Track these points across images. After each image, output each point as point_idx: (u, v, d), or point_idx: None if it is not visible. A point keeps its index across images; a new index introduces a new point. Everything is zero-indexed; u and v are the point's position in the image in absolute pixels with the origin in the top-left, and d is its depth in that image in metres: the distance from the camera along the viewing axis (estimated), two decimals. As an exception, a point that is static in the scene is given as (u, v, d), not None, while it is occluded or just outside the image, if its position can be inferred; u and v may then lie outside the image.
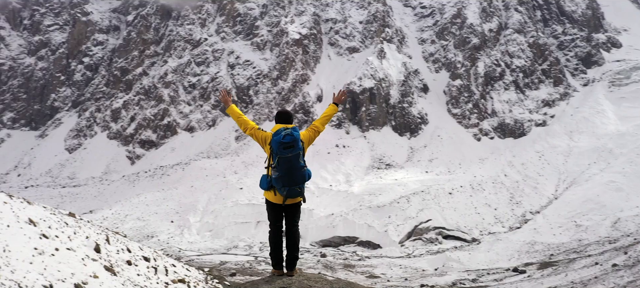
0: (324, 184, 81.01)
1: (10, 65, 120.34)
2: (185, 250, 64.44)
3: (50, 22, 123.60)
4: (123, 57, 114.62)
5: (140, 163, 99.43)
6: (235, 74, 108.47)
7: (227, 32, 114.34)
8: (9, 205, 13.90)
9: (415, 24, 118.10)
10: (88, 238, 13.66)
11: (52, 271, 11.79)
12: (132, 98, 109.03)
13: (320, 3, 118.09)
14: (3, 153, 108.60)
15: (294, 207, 7.36)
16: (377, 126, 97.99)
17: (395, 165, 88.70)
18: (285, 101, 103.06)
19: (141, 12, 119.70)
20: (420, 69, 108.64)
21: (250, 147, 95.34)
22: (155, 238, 67.93)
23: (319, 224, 69.11)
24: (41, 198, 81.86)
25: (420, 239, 65.18)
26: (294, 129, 7.10)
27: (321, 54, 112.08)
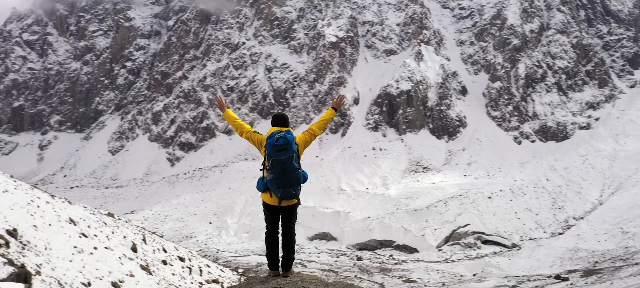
0: (361, 187, 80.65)
1: (57, 70, 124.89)
2: (222, 251, 65.21)
3: (95, 28, 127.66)
4: (164, 61, 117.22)
5: (180, 165, 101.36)
6: (273, 77, 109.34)
7: (264, 36, 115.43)
8: (51, 204, 14.33)
9: (453, 25, 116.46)
10: (125, 238, 13.94)
11: (90, 269, 12.08)
12: (172, 101, 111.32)
13: (357, 6, 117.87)
14: (50, 155, 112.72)
15: (290, 209, 7.42)
16: (415, 129, 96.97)
17: (432, 168, 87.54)
18: (322, 104, 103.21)
19: (181, 17, 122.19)
20: (459, 71, 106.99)
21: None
22: (194, 239, 68.97)
23: (355, 227, 68.83)
24: (85, 199, 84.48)
25: (459, 244, 64.04)
26: (287, 132, 7.12)
27: (358, 57, 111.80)
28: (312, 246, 66.58)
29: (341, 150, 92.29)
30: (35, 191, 16.75)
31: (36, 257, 11.88)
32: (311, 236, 69.00)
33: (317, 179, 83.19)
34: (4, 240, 12.09)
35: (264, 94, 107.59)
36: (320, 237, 68.84)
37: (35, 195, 15.85)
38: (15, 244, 12.09)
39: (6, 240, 12.12)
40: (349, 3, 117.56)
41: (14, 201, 14.39)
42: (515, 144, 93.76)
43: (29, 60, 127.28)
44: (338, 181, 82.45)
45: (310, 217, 71.51)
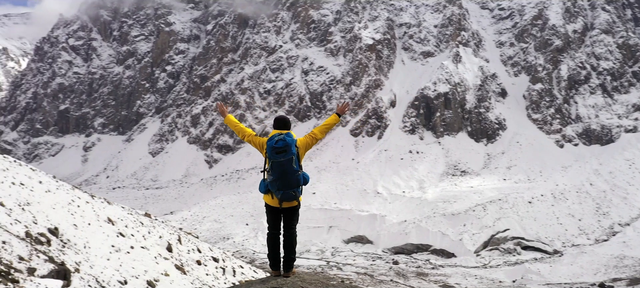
0: (397, 190, 80.00)
1: (101, 74, 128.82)
2: (258, 252, 65.73)
3: (137, 33, 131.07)
4: (202, 65, 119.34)
5: (218, 167, 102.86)
6: (309, 80, 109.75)
7: (301, 39, 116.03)
8: (90, 204, 14.75)
9: (492, 26, 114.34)
10: (161, 238, 14.21)
11: (126, 268, 12.36)
12: (211, 104, 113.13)
13: (394, 8, 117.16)
14: (94, 156, 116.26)
15: (291, 211, 7.49)
16: (452, 132, 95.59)
17: (471, 172, 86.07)
18: (358, 107, 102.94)
19: (220, 21, 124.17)
20: (498, 72, 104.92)
21: (323, 152, 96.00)
22: (231, 240, 69.78)
23: (392, 231, 68.28)
24: (126, 200, 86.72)
25: (497, 249, 62.75)
26: (287, 135, 7.20)
27: (395, 59, 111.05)
28: (347, 249, 66.42)
29: (377, 153, 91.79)
30: (75, 191, 17.28)
31: (75, 255, 12.23)
32: (347, 239, 68.84)
33: (353, 182, 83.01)
34: (45, 238, 12.50)
35: (301, 96, 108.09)
36: (356, 240, 68.59)
37: (76, 195, 16.36)
38: (56, 242, 12.48)
39: (48, 239, 12.53)
40: (385, 5, 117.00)
41: (55, 201, 14.89)
42: (557, 147, 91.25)
43: (74, 65, 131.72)
44: (374, 184, 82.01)
45: (346, 220, 71.41)
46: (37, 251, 11.48)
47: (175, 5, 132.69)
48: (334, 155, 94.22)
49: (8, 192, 13.92)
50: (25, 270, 10.56)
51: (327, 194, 79.29)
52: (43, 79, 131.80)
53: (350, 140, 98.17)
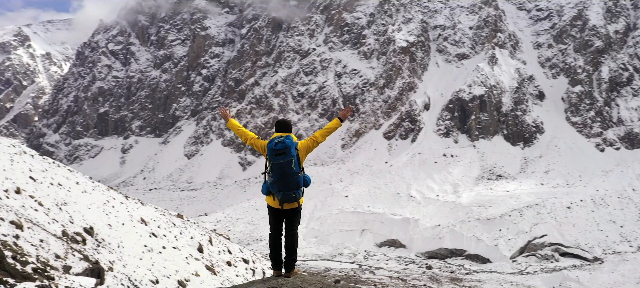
0: (431, 194, 79.08)
1: (138, 78, 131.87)
2: (291, 255, 65.96)
3: (173, 38, 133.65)
4: (237, 68, 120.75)
5: (251, 170, 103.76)
6: (342, 82, 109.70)
7: (334, 42, 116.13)
8: (124, 205, 15.07)
9: (530, 27, 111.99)
10: (192, 239, 14.41)
11: (158, 267, 12.56)
12: (245, 107, 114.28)
13: (428, 10, 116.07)
14: (131, 158, 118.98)
15: (292, 212, 7.59)
16: (488, 135, 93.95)
17: (507, 176, 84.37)
18: (392, 109, 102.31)
19: (254, 25, 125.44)
20: (536, 74, 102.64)
21: (356, 155, 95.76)
22: (264, 242, 70.12)
23: (425, 235, 67.50)
24: (162, 201, 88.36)
25: (534, 255, 61.25)
26: (286, 137, 7.29)
27: (429, 61, 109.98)
28: (380, 253, 65.99)
29: (411, 156, 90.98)
30: (110, 192, 17.71)
31: (109, 254, 12.51)
32: (379, 243, 68.40)
33: (386, 185, 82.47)
34: (81, 238, 12.83)
35: (334, 99, 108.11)
36: (389, 244, 68.08)
37: (111, 196, 16.75)
38: (91, 241, 12.79)
39: (83, 238, 12.86)
40: (420, 7, 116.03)
41: (91, 201, 15.28)
42: (598, 151, 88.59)
43: (113, 69, 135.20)
44: (407, 188, 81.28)
45: (379, 223, 70.98)
46: (73, 249, 11.78)
47: (211, 9, 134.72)
48: (366, 158, 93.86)
49: (47, 192, 14.36)
50: (61, 267, 10.85)
51: (359, 197, 79.01)
52: (84, 83, 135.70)
53: (384, 143, 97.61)
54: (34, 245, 11.00)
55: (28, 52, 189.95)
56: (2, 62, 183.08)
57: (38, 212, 12.89)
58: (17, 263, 9.82)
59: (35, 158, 17.47)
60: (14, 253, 10.16)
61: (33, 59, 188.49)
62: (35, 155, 18.51)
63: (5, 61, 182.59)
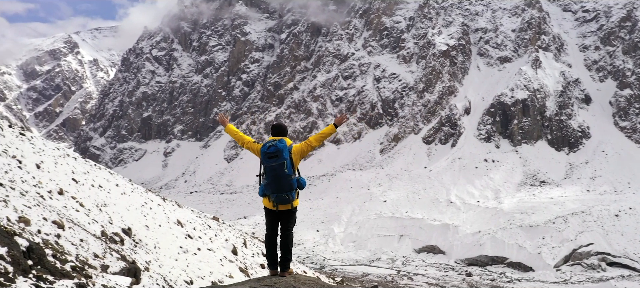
0: (471, 200, 77.62)
1: (180, 83, 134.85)
2: (329, 259, 65.92)
3: (215, 43, 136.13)
4: (276, 73, 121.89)
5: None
6: (381, 87, 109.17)
7: (373, 46, 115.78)
8: (162, 207, 15.39)
9: (575, 29, 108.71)
10: (227, 241, 14.57)
11: (193, 269, 12.74)
12: (284, 111, 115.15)
13: (469, 13, 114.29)
14: (173, 162, 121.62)
15: (287, 213, 7.73)
16: (531, 140, 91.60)
17: (550, 182, 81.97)
18: (431, 114, 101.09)
19: (293, 30, 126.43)
20: (582, 78, 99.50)
21: (395, 160, 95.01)
22: (302, 246, 70.41)
23: (465, 241, 66.24)
24: (202, 204, 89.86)
25: (580, 265, 59.18)
26: (279, 141, 7.40)
27: (470, 65, 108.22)
28: (418, 259, 65.17)
29: (451, 161, 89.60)
30: (148, 194, 18.14)
31: (146, 254, 12.78)
32: (418, 248, 67.55)
33: (425, 190, 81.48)
34: (119, 238, 13.17)
35: (373, 103, 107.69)
36: (428, 250, 67.15)
37: (149, 198, 17.15)
38: (129, 242, 13.11)
39: (121, 238, 13.19)
40: (460, 10, 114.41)
41: (130, 202, 15.69)
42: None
43: (157, 74, 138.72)
44: (447, 193, 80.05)
45: (418, 229, 70.14)
46: (111, 249, 12.09)
47: (251, 15, 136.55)
48: (405, 163, 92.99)
49: (88, 193, 14.82)
50: (99, 266, 11.14)
51: (398, 202, 78.30)
52: (129, 88, 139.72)
53: (423, 148, 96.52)
54: (74, 245, 11.33)
55: (77, 59, 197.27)
56: (53, 68, 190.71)
57: (79, 212, 13.30)
58: (56, 261, 10.12)
59: (78, 161, 18.07)
60: (54, 252, 10.48)
61: (81, 65, 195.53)
62: (78, 157, 19.15)
63: (56, 67, 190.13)
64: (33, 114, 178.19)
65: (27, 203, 12.24)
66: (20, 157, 14.79)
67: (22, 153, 15.05)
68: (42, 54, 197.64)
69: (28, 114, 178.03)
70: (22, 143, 15.90)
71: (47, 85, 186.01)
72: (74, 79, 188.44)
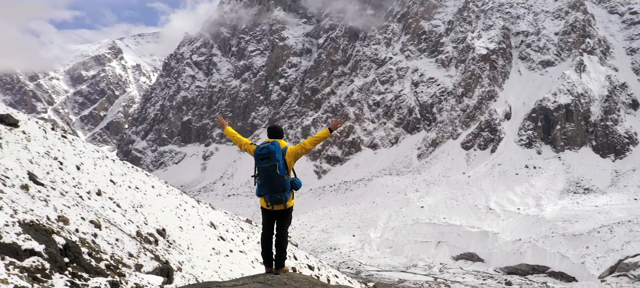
0: (511, 207, 75.84)
1: (219, 88, 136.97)
2: (365, 264, 65.54)
3: (253, 48, 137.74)
4: (313, 78, 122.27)
5: (326, 178, 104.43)
6: (419, 91, 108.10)
7: (411, 50, 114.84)
8: (196, 209, 15.61)
9: (622, 32, 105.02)
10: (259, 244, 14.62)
11: (224, 270, 12.84)
12: (321, 116, 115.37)
13: (510, 16, 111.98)
14: (212, 165, 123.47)
15: (282, 213, 7.92)
16: (574, 146, 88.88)
17: (595, 189, 79.28)
18: (470, 119, 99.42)
19: (331, 35, 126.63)
20: (629, 82, 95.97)
21: (433, 165, 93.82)
22: (337, 251, 70.27)
23: (504, 249, 64.75)
24: (240, 207, 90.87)
25: (626, 276, 56.94)
26: (272, 143, 7.54)
27: (510, 69, 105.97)
28: (456, 266, 64.05)
29: (490, 167, 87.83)
30: (183, 196, 18.45)
31: (179, 255, 12.96)
32: (456, 256, 66.42)
33: (464, 197, 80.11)
34: (153, 238, 13.41)
35: (410, 108, 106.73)
36: (466, 257, 65.94)
37: (183, 200, 17.44)
38: (163, 242, 13.33)
39: (156, 238, 13.43)
40: (501, 13, 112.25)
41: (165, 204, 15.98)
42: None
43: (196, 79, 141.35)
44: (486, 199, 78.47)
45: (456, 235, 69.00)
46: (145, 249, 12.31)
47: (289, 20, 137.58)
48: (443, 168, 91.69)
49: (124, 194, 15.15)
50: (133, 265, 11.36)
51: (435, 208, 77.23)
52: (169, 93, 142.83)
53: (461, 153, 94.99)
54: (110, 244, 11.59)
55: (120, 64, 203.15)
56: (98, 73, 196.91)
57: (116, 213, 13.61)
58: (92, 259, 10.35)
59: (116, 163, 18.54)
60: (90, 250, 10.73)
61: (125, 70, 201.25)
62: (116, 160, 19.65)
63: (101, 72, 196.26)
64: (79, 117, 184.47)
65: (66, 203, 12.59)
66: (62, 158, 15.25)
67: (63, 155, 15.52)
68: (88, 60, 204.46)
69: (74, 117, 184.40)
70: (64, 145, 16.41)
71: (92, 89, 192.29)
72: (117, 83, 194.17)
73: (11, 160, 13.42)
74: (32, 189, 12.52)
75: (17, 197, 11.39)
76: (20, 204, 10.94)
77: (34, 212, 10.92)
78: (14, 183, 12.29)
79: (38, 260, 8.78)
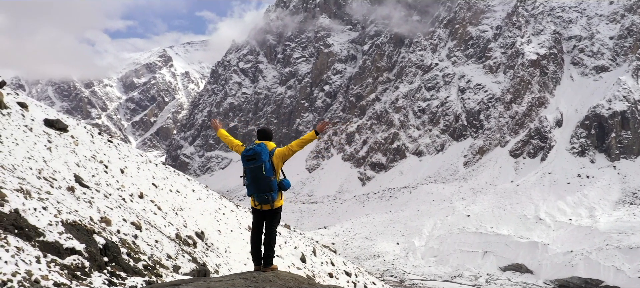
0: (562, 217, 73.17)
1: (265, 94, 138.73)
2: (409, 273, 64.69)
3: (298, 55, 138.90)
4: (358, 84, 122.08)
5: (370, 185, 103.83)
6: (466, 98, 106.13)
7: (458, 56, 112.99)
8: (234, 213, 15.78)
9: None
10: (296, 249, 14.65)
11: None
12: (365, 122, 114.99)
13: (562, 20, 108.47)
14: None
15: (271, 213, 8.09)
16: (631, 155, 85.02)
17: (654, 201, 75.52)
18: (519, 126, 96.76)
19: (376, 41, 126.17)
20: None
21: (480, 173, 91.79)
22: (381, 259, 69.65)
23: (555, 261, 62.52)
24: (283, 213, 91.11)
25: (687, 292, 53.95)
26: (259, 145, 7.61)
27: (562, 75, 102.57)
28: (504, 277, 62.30)
29: (540, 176, 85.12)
30: (223, 200, 18.70)
31: (217, 257, 13.11)
32: (503, 266, 64.62)
33: (512, 206, 77.94)
34: (192, 241, 13.62)
35: (456, 115, 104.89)
36: (514, 269, 64.05)
37: (223, 204, 17.68)
38: (201, 245, 13.52)
39: (194, 241, 13.64)
40: (552, 17, 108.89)
41: (204, 208, 16.25)
42: None
43: (243, 86, 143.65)
44: (536, 209, 76.03)
45: (503, 246, 67.18)
46: (183, 251, 12.51)
47: (334, 27, 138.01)
48: (491, 176, 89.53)
49: (166, 198, 15.49)
50: (171, 266, 11.56)
51: (482, 217, 75.45)
52: (216, 99, 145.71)
53: (510, 162, 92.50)
54: (150, 245, 11.82)
55: (170, 71, 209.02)
56: (149, 80, 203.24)
57: (156, 215, 13.91)
58: (130, 259, 10.58)
59: (159, 167, 19.01)
60: (129, 251, 10.97)
61: (174, 78, 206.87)
62: (159, 164, 20.15)
63: (151, 80, 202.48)
64: (130, 123, 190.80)
65: (109, 205, 12.96)
66: (107, 162, 15.74)
67: (108, 158, 16.02)
68: (139, 67, 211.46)
69: (126, 123, 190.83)
70: (109, 149, 16.95)
71: (143, 96, 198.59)
72: (167, 90, 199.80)
73: (59, 163, 13.94)
74: (78, 191, 12.96)
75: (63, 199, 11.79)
76: (65, 205, 11.32)
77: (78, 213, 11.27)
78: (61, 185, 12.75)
79: (78, 259, 9.05)
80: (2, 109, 14.62)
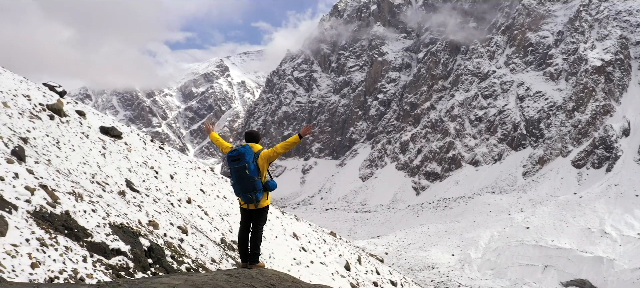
0: (630, 232, 69.27)
1: (319, 103, 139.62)
2: (464, 285, 62.99)
3: (352, 64, 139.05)
4: (412, 93, 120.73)
5: (425, 195, 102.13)
6: (525, 106, 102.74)
7: (516, 63, 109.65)
8: (279, 219, 15.87)
9: None
10: (340, 257, 14.53)
11: (304, 281, 12.82)
12: (420, 131, 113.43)
13: (629, 24, 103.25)
14: (310, 179, 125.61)
15: (258, 212, 8.25)
16: None
17: None
18: (582, 135, 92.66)
19: (431, 49, 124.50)
20: None
21: (540, 184, 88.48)
22: (436, 270, 68.19)
23: (622, 278, 59.21)
24: (337, 221, 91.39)
25: None
26: (243, 146, 7.53)
27: (629, 82, 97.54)
28: (565, 293, 59.62)
29: (605, 187, 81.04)
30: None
31: (260, 263, 13.16)
32: (565, 282, 61.81)
33: (574, 219, 74.55)
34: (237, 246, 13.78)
35: (515, 123, 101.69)
36: (577, 284, 61.13)
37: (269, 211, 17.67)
38: (246, 250, 13.61)
39: (239, 246, 13.78)
40: (618, 22, 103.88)
41: (251, 213, 16.30)
42: None
43: (297, 95, 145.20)
44: (600, 223, 72.39)
45: (565, 260, 64.31)
46: (227, 255, 12.66)
47: (389, 35, 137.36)
48: (551, 187, 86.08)
49: (212, 203, 15.77)
50: (214, 270, 11.69)
51: (542, 230, 72.58)
52: (271, 108, 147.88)
53: (572, 172, 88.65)
54: (195, 249, 12.02)
55: (227, 81, 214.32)
56: (206, 90, 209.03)
57: (203, 220, 14.17)
58: (174, 262, 10.79)
59: (207, 174, 19.42)
60: (174, 253, 11.19)
61: (231, 87, 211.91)
62: (207, 170, 20.58)
63: (209, 89, 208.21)
64: (189, 131, 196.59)
65: (158, 209, 13.29)
66: (158, 168, 16.21)
67: (159, 164, 16.50)
68: (198, 77, 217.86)
69: (185, 131, 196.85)
70: (160, 156, 17.47)
71: (201, 105, 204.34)
72: (224, 99, 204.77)
73: (112, 168, 14.48)
74: (128, 195, 13.39)
75: (113, 202, 12.21)
76: (114, 208, 11.70)
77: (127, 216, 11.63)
78: (112, 189, 13.22)
79: (123, 260, 9.34)
80: (62, 117, 15.34)
